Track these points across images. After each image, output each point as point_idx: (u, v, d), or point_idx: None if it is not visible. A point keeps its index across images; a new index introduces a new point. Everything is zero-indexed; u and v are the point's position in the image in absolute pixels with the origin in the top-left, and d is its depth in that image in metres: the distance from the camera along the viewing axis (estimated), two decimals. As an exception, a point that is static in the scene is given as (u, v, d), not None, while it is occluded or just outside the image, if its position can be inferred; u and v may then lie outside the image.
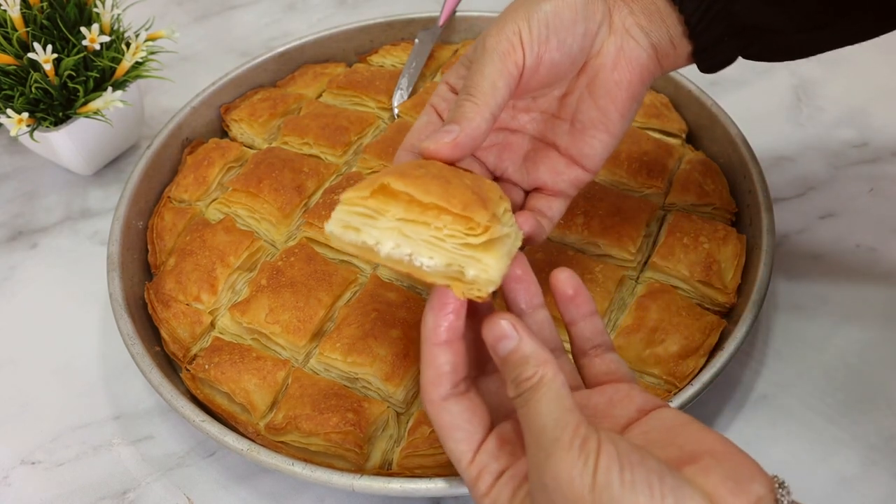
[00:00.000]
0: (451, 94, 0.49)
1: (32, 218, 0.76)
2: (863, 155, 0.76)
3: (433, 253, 0.40)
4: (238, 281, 0.64)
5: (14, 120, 0.67)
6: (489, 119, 0.44)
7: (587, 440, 0.36)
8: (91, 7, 0.72)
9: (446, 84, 0.50)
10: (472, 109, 0.44)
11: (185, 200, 0.70)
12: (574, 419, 0.36)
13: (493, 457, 0.41)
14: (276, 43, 0.82)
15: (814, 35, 0.49)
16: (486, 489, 0.41)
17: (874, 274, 0.67)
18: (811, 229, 0.70)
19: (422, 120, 0.50)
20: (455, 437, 0.41)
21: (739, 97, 0.82)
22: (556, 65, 0.47)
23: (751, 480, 0.36)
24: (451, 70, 0.50)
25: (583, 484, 0.35)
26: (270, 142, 0.75)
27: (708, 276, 0.60)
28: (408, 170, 0.41)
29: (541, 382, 0.38)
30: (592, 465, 0.35)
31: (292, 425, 0.54)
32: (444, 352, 0.42)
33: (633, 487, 0.34)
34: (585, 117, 0.49)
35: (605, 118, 0.49)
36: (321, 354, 0.58)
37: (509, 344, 0.39)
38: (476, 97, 0.44)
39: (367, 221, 0.40)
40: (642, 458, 0.35)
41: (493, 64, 0.45)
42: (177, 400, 0.55)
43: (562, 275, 0.46)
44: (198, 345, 0.61)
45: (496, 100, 0.44)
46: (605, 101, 0.49)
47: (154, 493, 0.57)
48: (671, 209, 0.67)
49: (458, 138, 0.43)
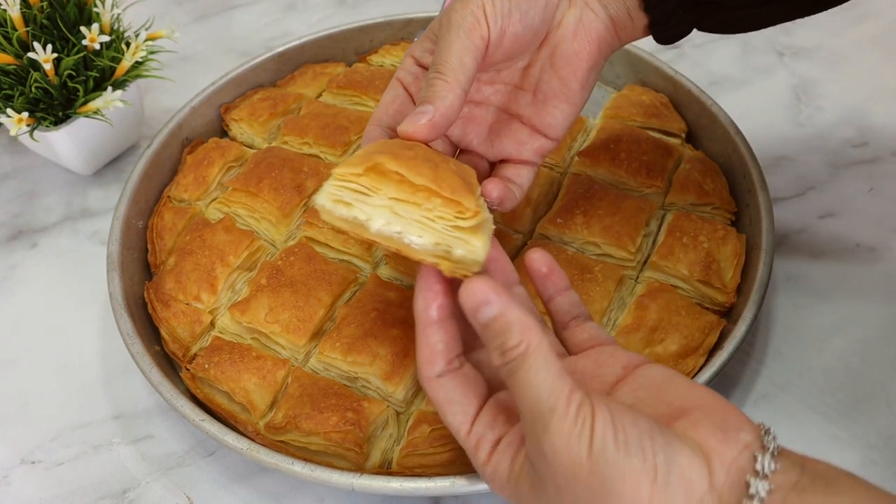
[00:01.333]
0: (417, 68, 0.51)
1: (32, 218, 0.76)
2: (862, 154, 0.76)
3: (423, 232, 0.41)
4: (238, 280, 0.64)
5: (14, 119, 0.67)
6: (461, 95, 0.45)
7: (581, 406, 0.37)
8: (91, 7, 0.72)
9: (412, 58, 0.51)
10: (443, 87, 0.45)
11: (184, 200, 0.70)
12: (567, 386, 0.37)
13: (489, 426, 0.42)
14: (276, 43, 0.82)
15: (761, 10, 0.51)
16: (485, 458, 0.42)
17: (874, 274, 0.67)
18: (811, 229, 0.70)
19: (388, 95, 0.51)
20: (452, 411, 0.43)
21: (739, 97, 0.82)
22: (518, 37, 0.48)
23: (738, 429, 0.38)
24: (416, 44, 0.51)
25: (580, 450, 0.36)
26: (270, 141, 0.75)
27: (707, 275, 0.60)
28: (398, 151, 0.43)
29: (527, 351, 0.38)
30: (588, 431, 0.36)
31: (292, 424, 0.54)
32: (436, 331, 0.43)
33: (627, 449, 0.36)
34: (547, 88, 0.51)
35: (566, 88, 0.51)
36: (321, 354, 0.58)
37: (490, 311, 0.38)
38: (446, 75, 0.45)
39: (359, 198, 0.42)
40: (634, 418, 0.37)
41: (459, 40, 0.46)
42: (177, 399, 0.55)
43: (535, 254, 0.49)
44: (198, 344, 0.61)
45: (465, 76, 0.46)
46: (565, 72, 0.51)
47: (154, 492, 0.57)
48: (671, 209, 0.67)
49: (434, 119, 0.45)
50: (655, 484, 0.36)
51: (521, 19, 0.48)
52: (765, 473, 0.36)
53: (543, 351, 0.38)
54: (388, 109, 0.51)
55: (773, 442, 0.38)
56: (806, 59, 0.86)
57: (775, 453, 0.37)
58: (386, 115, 0.50)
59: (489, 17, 0.46)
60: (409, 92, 0.51)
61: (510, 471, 0.41)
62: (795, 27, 0.89)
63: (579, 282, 0.59)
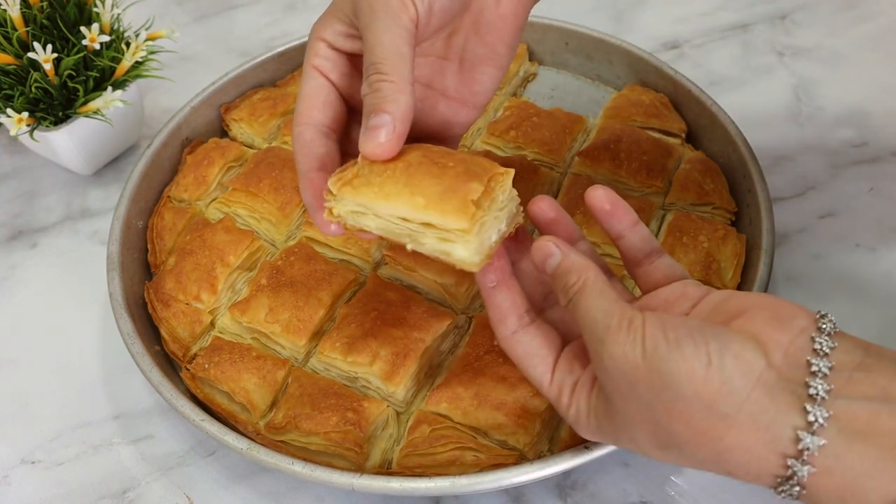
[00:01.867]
0: (333, 53, 0.47)
1: (32, 218, 0.76)
2: (863, 154, 0.76)
3: (417, 245, 0.43)
4: (238, 280, 0.64)
5: (14, 119, 0.67)
6: (411, 91, 0.43)
7: (633, 320, 0.39)
8: (91, 7, 0.72)
9: (324, 41, 0.47)
10: (392, 89, 0.42)
11: (184, 200, 0.70)
12: (619, 307, 0.40)
13: (567, 372, 0.44)
14: (276, 43, 0.82)
15: None
16: (567, 401, 0.44)
17: (874, 274, 0.67)
18: (811, 229, 0.70)
19: (308, 86, 0.47)
20: (532, 364, 0.45)
21: (739, 97, 0.82)
22: (446, 11, 0.46)
23: (793, 317, 0.39)
24: (323, 24, 0.47)
25: (634, 354, 0.38)
26: (270, 141, 0.75)
27: (707, 275, 0.60)
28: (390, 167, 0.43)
29: (585, 284, 0.42)
30: (640, 337, 0.38)
31: (292, 424, 0.54)
32: (499, 292, 0.45)
33: (679, 342, 0.37)
34: (473, 55, 0.50)
35: (492, 53, 0.50)
36: (321, 354, 0.58)
37: (554, 260, 0.43)
38: (390, 74, 0.42)
39: (356, 216, 0.43)
40: (684, 320, 0.39)
41: (389, 30, 0.43)
42: (177, 399, 0.55)
43: (596, 192, 0.47)
44: (198, 344, 0.61)
45: (408, 67, 0.43)
46: (491, 38, 0.49)
47: (154, 492, 0.57)
48: (671, 209, 0.67)
49: (396, 129, 0.42)
50: (710, 367, 0.36)
51: None
52: (824, 352, 0.37)
53: (599, 284, 0.41)
54: (313, 103, 0.47)
55: (830, 323, 0.38)
56: (806, 59, 0.86)
57: (832, 333, 0.38)
58: (313, 109, 0.47)
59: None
60: (329, 80, 0.47)
61: (588, 407, 0.43)
62: (796, 27, 0.89)
63: (579, 282, 0.59)
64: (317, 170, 0.46)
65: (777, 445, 0.36)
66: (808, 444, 0.35)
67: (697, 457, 0.38)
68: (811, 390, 0.36)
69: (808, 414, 0.35)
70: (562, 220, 0.48)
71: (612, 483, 0.55)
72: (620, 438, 0.42)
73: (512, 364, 0.55)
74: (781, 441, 0.36)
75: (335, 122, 0.47)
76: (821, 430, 0.35)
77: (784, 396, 0.36)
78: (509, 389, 0.54)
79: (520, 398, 0.54)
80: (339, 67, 0.47)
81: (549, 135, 0.71)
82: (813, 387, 0.36)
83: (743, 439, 0.36)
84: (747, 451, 0.36)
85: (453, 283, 0.60)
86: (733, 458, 0.37)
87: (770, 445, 0.36)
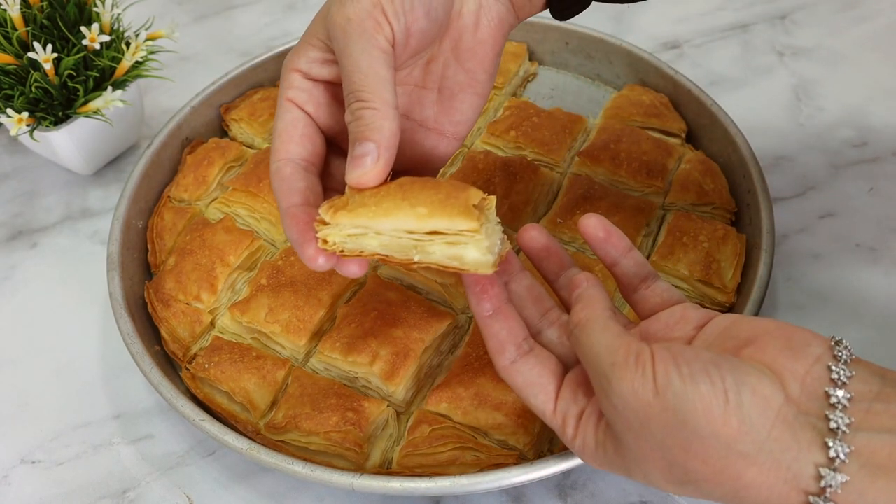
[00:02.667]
0: (308, 83, 0.45)
1: (32, 217, 0.76)
2: (863, 154, 0.76)
3: (426, 255, 0.41)
4: (238, 280, 0.64)
5: (14, 119, 0.67)
6: (395, 117, 0.41)
7: (640, 354, 0.37)
8: (91, 6, 0.72)
9: (298, 72, 0.45)
10: (374, 116, 0.41)
11: (184, 200, 0.70)
12: (624, 341, 0.38)
13: (571, 401, 0.43)
14: (276, 43, 0.82)
15: None
16: (573, 432, 0.42)
17: (874, 273, 0.67)
18: (811, 229, 0.70)
19: (284, 119, 0.45)
20: (533, 394, 0.43)
21: (739, 97, 0.82)
22: (425, 34, 0.44)
23: (807, 345, 0.37)
24: (299, 54, 0.45)
25: (645, 391, 0.36)
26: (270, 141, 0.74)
27: (707, 275, 0.60)
28: (367, 200, 0.41)
29: (588, 320, 0.41)
30: (651, 373, 0.36)
31: (292, 424, 0.54)
32: (495, 321, 0.44)
33: (693, 378, 0.35)
34: (453, 83, 0.49)
35: (472, 80, 0.49)
36: (321, 354, 0.58)
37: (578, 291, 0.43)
38: (371, 101, 0.41)
39: (356, 239, 0.41)
40: (696, 353, 0.37)
41: (365, 52, 0.41)
42: (177, 399, 0.55)
43: (590, 220, 0.47)
44: (198, 344, 0.61)
45: (389, 91, 0.41)
46: (472, 64, 0.48)
47: (154, 492, 0.57)
48: (671, 209, 0.67)
49: (381, 157, 0.41)
50: (728, 405, 0.35)
51: (426, 13, 0.43)
52: (842, 381, 0.36)
53: (603, 318, 0.41)
54: (290, 136, 0.44)
55: (846, 350, 0.37)
56: (806, 58, 0.86)
57: (848, 361, 0.37)
58: (290, 143, 0.44)
59: (389, 15, 0.42)
60: (306, 112, 0.45)
61: (595, 439, 0.41)
62: (796, 27, 0.89)
63: (579, 282, 0.59)
64: (300, 204, 0.43)
65: (798, 483, 0.35)
66: (831, 482, 0.34)
67: (714, 494, 0.37)
68: (832, 423, 0.35)
69: (830, 450, 0.34)
70: (552, 248, 0.48)
71: (612, 483, 0.55)
72: (632, 473, 0.40)
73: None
74: (803, 479, 0.35)
75: (314, 155, 0.45)
76: (843, 467, 0.34)
77: (805, 432, 0.35)
78: (509, 389, 0.54)
79: (519, 398, 0.53)
80: (315, 98, 0.45)
81: (549, 135, 0.71)
82: (833, 420, 0.35)
83: (763, 478, 0.35)
84: (768, 489, 0.35)
85: (453, 283, 0.60)
86: (751, 496, 0.36)
87: (791, 483, 0.35)
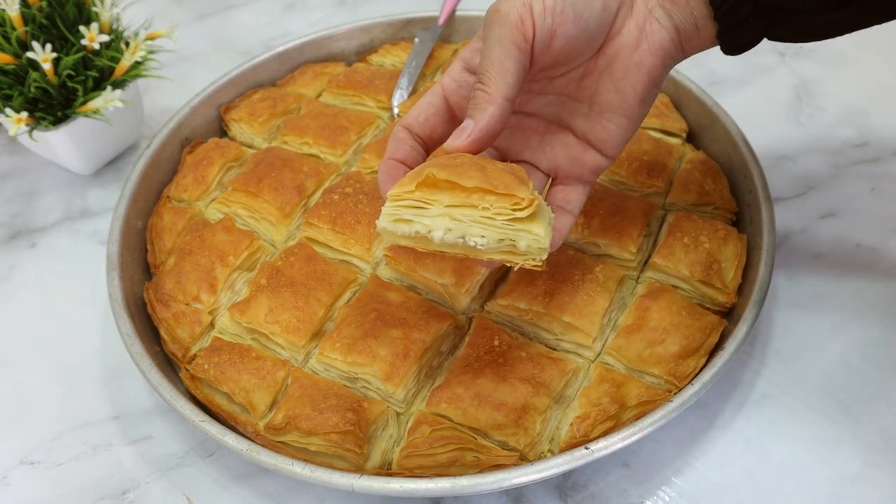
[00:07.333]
0: (464, 75, 0.50)
1: (32, 217, 0.76)
2: (863, 154, 0.76)
3: (484, 231, 0.43)
4: (238, 281, 0.64)
5: (13, 119, 0.67)
6: (503, 105, 0.45)
7: None
8: (90, 6, 0.72)
9: (461, 61, 0.50)
10: (484, 99, 0.45)
11: (184, 200, 0.70)
12: None
13: None
14: (276, 42, 0.82)
15: (837, 15, 0.47)
16: None
17: (874, 273, 0.67)
18: (812, 229, 0.70)
19: (426, 99, 0.50)
20: None
21: (740, 97, 0.82)
22: (571, 40, 0.46)
23: None
24: (468, 46, 0.50)
25: None
26: (270, 141, 0.74)
27: (708, 275, 0.60)
28: (445, 162, 0.45)
29: None
30: None
31: (292, 425, 0.54)
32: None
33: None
34: (603, 99, 0.49)
35: (623, 101, 0.49)
36: (321, 354, 0.58)
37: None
38: (487, 85, 0.45)
39: (417, 213, 0.44)
40: None
41: (499, 42, 0.45)
42: (176, 400, 0.54)
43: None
44: (197, 345, 0.61)
45: (506, 82, 0.44)
46: (623, 84, 0.48)
47: (154, 493, 0.57)
48: (671, 209, 0.67)
49: (473, 135, 0.45)
50: None
51: (575, 20, 0.45)
52: None
53: None
54: (420, 116, 0.50)
55: None
56: (807, 58, 0.86)
57: None
58: (417, 122, 0.50)
59: (536, 14, 0.44)
60: (448, 102, 0.50)
61: None
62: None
63: (580, 282, 0.59)
64: (398, 159, 0.49)
65: None
66: None
67: None
68: None
69: None
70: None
71: (612, 483, 0.55)
72: None
73: (512, 364, 0.55)
74: None
75: (429, 138, 0.50)
76: None
77: None
78: (509, 390, 0.54)
79: (520, 398, 0.53)
80: (464, 90, 0.49)
81: (550, 135, 0.71)
82: None
83: None
84: None
85: (453, 283, 0.60)
86: None
87: None
